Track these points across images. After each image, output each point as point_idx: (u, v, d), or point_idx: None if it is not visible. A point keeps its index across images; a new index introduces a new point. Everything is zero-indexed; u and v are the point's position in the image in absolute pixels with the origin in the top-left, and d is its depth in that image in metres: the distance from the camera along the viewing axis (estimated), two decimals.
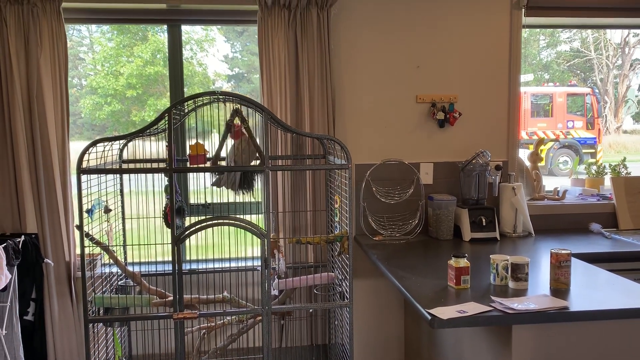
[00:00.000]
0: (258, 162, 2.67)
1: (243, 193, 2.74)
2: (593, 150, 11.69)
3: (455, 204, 3.14)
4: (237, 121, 2.57)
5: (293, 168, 2.49)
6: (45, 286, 2.95)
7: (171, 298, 2.69)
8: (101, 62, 10.93)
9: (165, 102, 10.42)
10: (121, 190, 3.00)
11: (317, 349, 3.24)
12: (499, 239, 3.10)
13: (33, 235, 2.89)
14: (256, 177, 2.72)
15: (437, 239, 3.13)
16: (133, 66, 10.63)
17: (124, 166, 2.95)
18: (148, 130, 2.41)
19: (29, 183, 2.91)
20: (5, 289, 2.69)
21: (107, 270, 2.89)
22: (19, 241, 2.77)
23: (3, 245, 2.63)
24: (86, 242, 2.40)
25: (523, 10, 3.28)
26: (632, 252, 2.86)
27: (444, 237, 3.12)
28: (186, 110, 2.80)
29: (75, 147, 3.06)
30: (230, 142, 2.65)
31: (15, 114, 2.86)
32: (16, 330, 2.77)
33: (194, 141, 2.55)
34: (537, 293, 2.12)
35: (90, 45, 11.43)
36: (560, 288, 2.18)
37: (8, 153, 2.90)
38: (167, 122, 2.32)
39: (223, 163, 2.68)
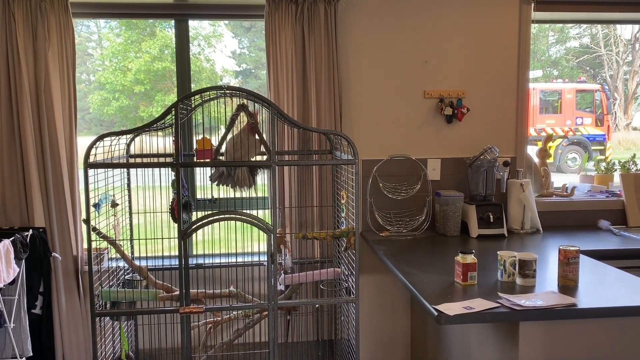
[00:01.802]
0: (258, 157, 2.66)
1: (246, 189, 2.72)
2: (602, 147, 11.61)
3: (463, 200, 3.13)
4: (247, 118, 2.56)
5: (300, 163, 2.48)
6: (53, 280, 2.97)
7: (177, 292, 2.69)
8: (109, 57, 10.97)
9: (173, 98, 10.43)
10: (128, 185, 3.00)
11: (323, 344, 3.24)
12: (506, 235, 3.08)
13: (41, 229, 2.90)
14: (257, 172, 2.70)
15: (444, 235, 3.12)
16: (141, 62, 10.65)
17: (131, 161, 2.95)
18: (155, 125, 2.41)
19: (37, 177, 2.92)
20: (14, 282, 2.71)
21: (114, 264, 2.90)
22: (27, 235, 2.78)
23: (11, 239, 2.64)
24: (93, 236, 2.41)
25: (532, 4, 3.25)
26: None
27: (451, 233, 3.10)
28: (193, 105, 2.80)
29: (83, 142, 3.06)
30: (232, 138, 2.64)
31: (23, 109, 2.87)
32: (24, 324, 2.78)
33: (201, 136, 2.55)
34: (545, 290, 2.11)
35: (98, 41, 11.48)
36: (568, 285, 2.16)
37: (16, 147, 2.91)
38: (174, 117, 2.31)
39: (221, 158, 2.68)
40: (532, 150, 3.53)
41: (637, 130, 16.61)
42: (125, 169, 2.95)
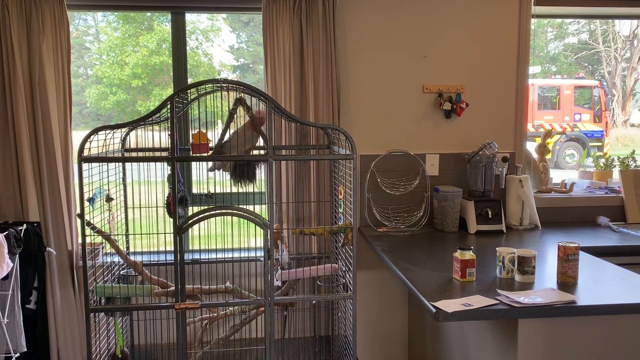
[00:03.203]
0: (257, 151, 2.62)
1: (245, 183, 2.71)
2: (600, 144, 11.62)
3: (461, 196, 3.11)
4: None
5: (297, 158, 2.46)
6: (48, 275, 2.94)
7: (173, 288, 2.67)
8: (107, 51, 10.91)
9: (170, 92, 10.37)
10: (123, 179, 2.98)
11: (320, 340, 3.22)
12: (505, 231, 3.06)
13: (35, 224, 2.88)
14: (258, 167, 2.69)
15: (443, 231, 3.10)
16: (138, 56, 10.60)
17: (126, 155, 2.92)
18: (150, 119, 2.38)
19: (31, 171, 2.89)
20: (7, 277, 2.68)
21: (109, 259, 2.87)
22: (21, 229, 2.75)
23: (5, 233, 2.61)
24: (88, 231, 2.38)
25: None
26: None
27: (450, 229, 3.08)
28: (189, 99, 2.77)
29: (80, 137, 3.03)
30: (231, 130, 2.62)
31: (17, 102, 2.83)
32: (18, 319, 2.76)
33: (197, 130, 2.52)
34: (544, 286, 2.09)
35: (96, 35, 11.41)
36: (567, 282, 2.15)
37: (10, 141, 2.88)
38: (169, 110, 2.28)
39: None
40: (530, 146, 3.51)
41: (634, 126, 16.62)
42: (120, 163, 2.93)
